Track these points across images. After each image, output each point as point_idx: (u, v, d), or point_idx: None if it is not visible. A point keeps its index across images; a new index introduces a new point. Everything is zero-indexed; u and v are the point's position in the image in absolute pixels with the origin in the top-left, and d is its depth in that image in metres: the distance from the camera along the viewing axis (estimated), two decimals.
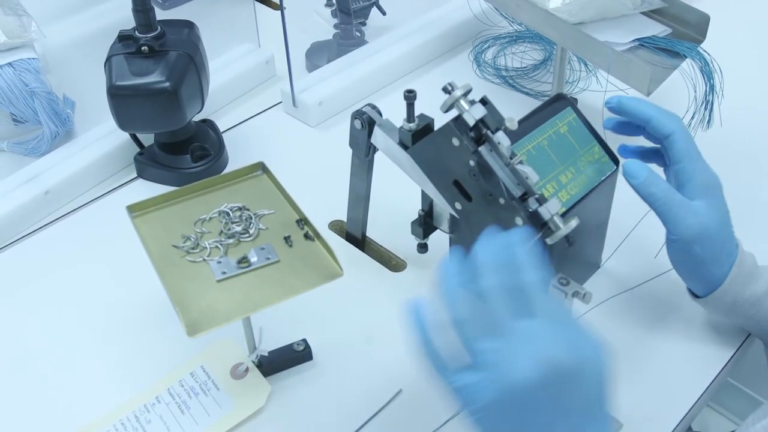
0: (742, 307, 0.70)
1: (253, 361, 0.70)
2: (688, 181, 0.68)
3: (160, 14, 0.92)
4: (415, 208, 0.77)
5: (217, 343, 0.73)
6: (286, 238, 0.65)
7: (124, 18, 0.91)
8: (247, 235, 0.65)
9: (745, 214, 0.73)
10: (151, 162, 0.94)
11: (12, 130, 1.01)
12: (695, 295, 0.73)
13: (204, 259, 0.63)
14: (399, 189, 0.78)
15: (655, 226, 0.70)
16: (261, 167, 0.71)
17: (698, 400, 0.71)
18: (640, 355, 0.74)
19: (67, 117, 0.99)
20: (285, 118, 1.05)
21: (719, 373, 0.73)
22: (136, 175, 0.96)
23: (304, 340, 0.73)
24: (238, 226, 0.65)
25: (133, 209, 0.67)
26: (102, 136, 0.97)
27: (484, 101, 0.64)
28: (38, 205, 0.91)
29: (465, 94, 0.63)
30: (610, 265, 0.82)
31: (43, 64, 0.99)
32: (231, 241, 0.65)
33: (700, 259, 0.68)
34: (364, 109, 0.74)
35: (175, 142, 0.93)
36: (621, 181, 0.71)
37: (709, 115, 0.88)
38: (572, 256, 0.75)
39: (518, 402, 0.48)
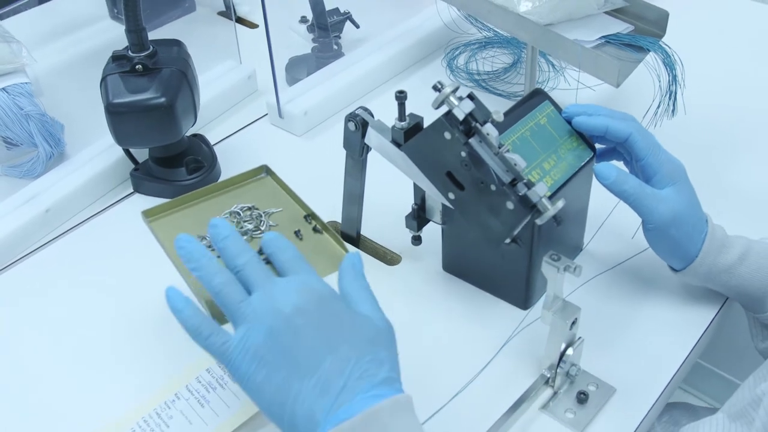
0: (717, 275, 0.76)
1: None
2: (655, 173, 0.75)
3: None
4: (404, 206, 0.82)
5: None
6: (296, 232, 0.69)
7: (102, 44, 0.95)
8: (258, 231, 0.69)
9: (709, 195, 0.80)
10: (147, 176, 0.98)
11: (4, 154, 1.04)
12: (674, 269, 0.79)
13: (219, 256, 0.67)
14: (388, 188, 0.83)
15: (629, 210, 0.76)
16: (265, 170, 0.75)
17: (685, 360, 0.76)
18: (628, 326, 0.79)
19: (60, 138, 1.02)
20: (272, 129, 1.09)
21: (702, 334, 0.78)
22: (132, 190, 1.00)
23: None
24: (250, 224, 0.70)
25: (147, 214, 0.71)
26: (96, 155, 1.01)
27: (471, 97, 0.69)
28: (39, 223, 0.94)
29: (454, 91, 0.69)
30: (591, 248, 0.88)
31: (36, 87, 1.02)
32: (244, 237, 0.69)
33: (676, 239, 0.75)
34: (356, 112, 0.78)
35: (170, 156, 0.97)
36: None
37: (674, 104, 0.95)
38: (557, 239, 0.81)
39: (286, 331, 0.53)
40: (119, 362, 0.78)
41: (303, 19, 1.30)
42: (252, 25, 1.35)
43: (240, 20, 1.35)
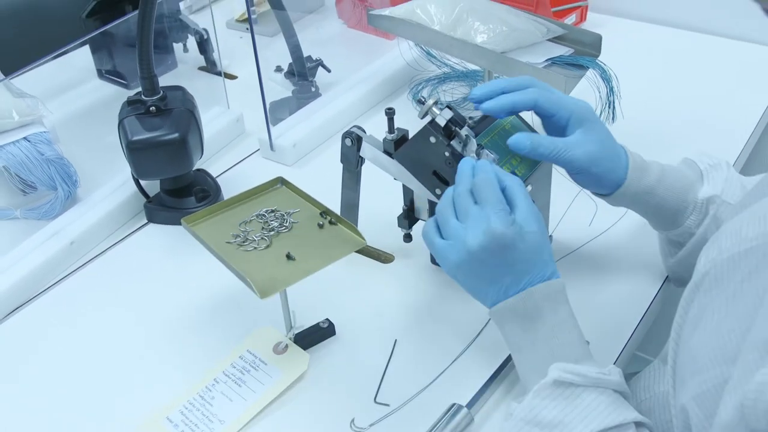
0: (642, 196, 0.85)
1: (290, 338, 0.86)
2: (566, 122, 0.82)
3: (126, 92, 1.10)
4: (393, 212, 0.96)
5: (257, 330, 0.89)
6: (319, 225, 0.83)
7: (95, 101, 1.08)
8: (283, 228, 0.82)
9: None
10: (160, 206, 1.10)
11: (21, 199, 1.15)
12: (602, 195, 0.87)
13: (255, 248, 0.80)
14: (379, 197, 0.96)
15: (586, 202, 0.90)
16: (281, 181, 0.89)
17: (640, 320, 0.90)
18: (592, 297, 0.94)
19: (76, 180, 1.14)
20: (264, 162, 1.23)
21: (651, 302, 0.93)
22: (146, 221, 1.12)
23: (328, 319, 0.89)
24: (275, 222, 0.83)
25: (188, 221, 0.83)
26: (110, 193, 1.13)
27: (449, 107, 0.84)
28: (65, 254, 1.05)
29: (435, 103, 0.83)
30: (555, 235, 1.02)
31: (53, 135, 1.14)
32: (272, 233, 0.82)
33: (599, 175, 0.83)
34: (351, 130, 0.92)
35: (180, 188, 1.10)
36: (555, 170, 0.92)
37: (613, 112, 1.11)
38: None
39: (473, 261, 0.73)
40: (156, 365, 0.89)
41: (278, 69, 1.45)
42: (232, 77, 1.49)
43: (221, 73, 1.49)
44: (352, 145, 0.92)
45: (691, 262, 0.89)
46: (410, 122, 0.91)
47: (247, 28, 1.64)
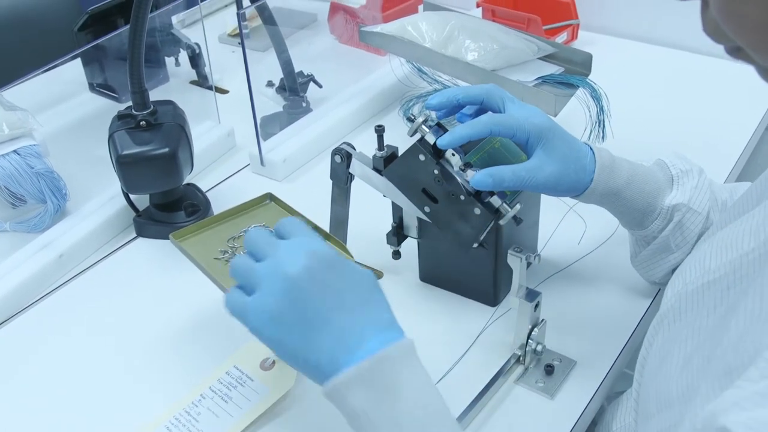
0: (608, 197, 0.84)
1: None
2: (525, 144, 0.81)
3: (119, 106, 1.10)
4: (382, 229, 0.96)
5: (244, 346, 0.88)
6: None
7: (85, 114, 1.09)
8: None
9: None
10: (149, 221, 1.10)
11: (10, 213, 1.15)
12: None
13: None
14: (368, 214, 0.96)
15: (575, 221, 0.90)
16: (269, 197, 0.89)
17: (630, 336, 0.91)
18: (581, 313, 0.94)
19: (66, 193, 1.14)
20: (254, 177, 1.23)
21: (642, 317, 0.93)
22: (135, 235, 1.11)
23: None
24: None
25: (176, 236, 0.83)
26: (99, 206, 1.12)
27: (439, 125, 0.85)
28: (54, 267, 1.04)
29: (424, 121, 0.84)
30: (544, 253, 1.02)
31: (43, 149, 1.13)
32: None
33: (566, 185, 0.82)
34: (341, 146, 0.93)
35: (169, 202, 1.09)
36: None
37: (603, 131, 1.12)
38: (516, 243, 0.95)
39: (297, 292, 0.59)
40: (143, 380, 0.89)
41: (269, 83, 1.45)
42: (223, 91, 1.49)
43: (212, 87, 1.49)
44: (342, 161, 0.92)
45: (651, 264, 0.90)
46: (401, 138, 0.91)
47: (239, 43, 1.65)
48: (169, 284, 1.02)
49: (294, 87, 1.34)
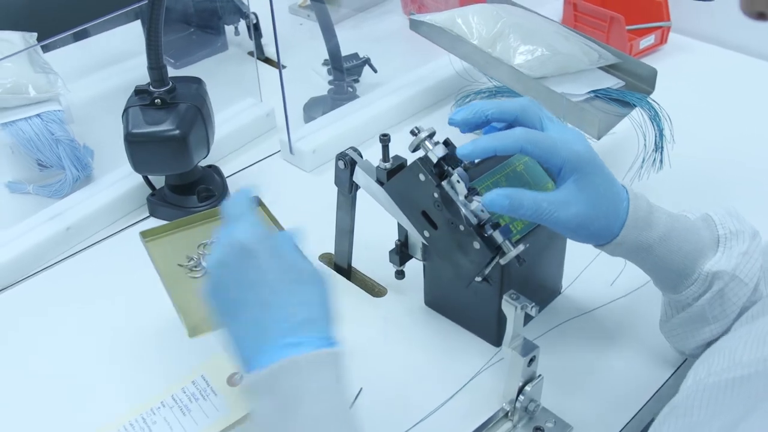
0: (636, 252, 0.73)
1: None
2: (558, 172, 0.70)
3: (173, 72, 1.04)
4: (391, 241, 0.87)
5: (216, 355, 0.82)
6: None
7: (138, 77, 1.03)
8: None
9: None
10: (161, 202, 1.05)
11: (37, 175, 1.13)
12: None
13: (204, 275, 0.73)
14: (379, 223, 0.88)
15: (611, 257, 0.78)
16: (257, 202, 0.81)
17: (641, 409, 0.79)
18: (592, 371, 0.83)
19: (87, 163, 1.10)
20: (283, 165, 1.16)
21: (658, 390, 0.81)
22: (148, 214, 1.07)
23: None
24: None
25: (145, 235, 0.78)
26: (118, 180, 1.09)
27: (446, 143, 0.75)
28: (59, 240, 1.01)
29: (430, 136, 0.74)
30: (569, 292, 0.91)
31: (67, 115, 1.10)
32: None
33: (590, 233, 0.71)
34: (346, 152, 0.84)
35: (184, 184, 1.04)
36: None
37: (660, 159, 0.98)
38: (532, 280, 0.85)
39: (216, 279, 0.61)
40: (116, 370, 0.85)
41: (326, 62, 1.37)
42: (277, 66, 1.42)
43: (268, 60, 1.43)
44: (345, 168, 0.84)
45: (682, 333, 0.78)
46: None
47: (309, 15, 1.58)
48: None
49: (339, 68, 1.25)
